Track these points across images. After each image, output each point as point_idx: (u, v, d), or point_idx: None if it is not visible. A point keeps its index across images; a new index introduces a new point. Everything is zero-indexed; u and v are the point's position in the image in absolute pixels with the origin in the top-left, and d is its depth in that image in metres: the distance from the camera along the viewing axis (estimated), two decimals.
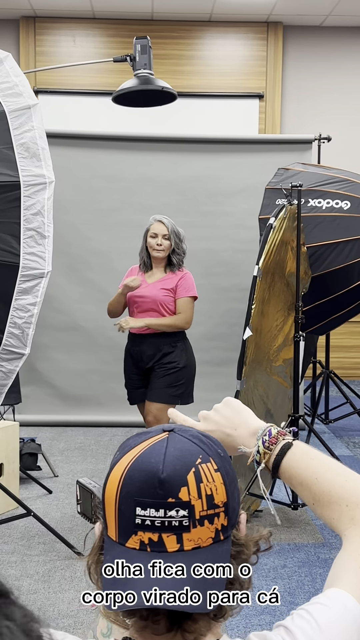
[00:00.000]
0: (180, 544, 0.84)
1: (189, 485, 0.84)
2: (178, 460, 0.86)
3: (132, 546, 0.85)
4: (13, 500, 3.49)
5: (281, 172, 4.57)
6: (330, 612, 0.91)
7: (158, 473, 0.84)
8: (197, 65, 7.77)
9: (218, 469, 0.87)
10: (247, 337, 3.42)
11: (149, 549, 0.84)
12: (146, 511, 0.84)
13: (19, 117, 2.64)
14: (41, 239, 2.58)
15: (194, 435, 0.90)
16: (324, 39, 7.87)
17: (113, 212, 5.81)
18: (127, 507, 0.85)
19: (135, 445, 0.89)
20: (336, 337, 7.25)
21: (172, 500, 0.84)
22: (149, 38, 4.18)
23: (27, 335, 2.65)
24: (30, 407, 5.82)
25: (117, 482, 0.87)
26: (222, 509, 0.86)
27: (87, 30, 7.68)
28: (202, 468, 0.86)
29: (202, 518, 0.85)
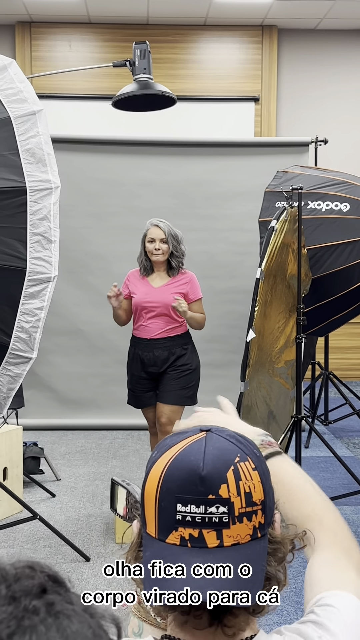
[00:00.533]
0: (220, 540, 0.86)
1: (229, 483, 0.87)
2: (217, 459, 0.88)
3: (172, 542, 0.87)
4: (19, 503, 3.50)
5: (280, 174, 4.60)
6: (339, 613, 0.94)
7: (199, 470, 0.86)
8: (192, 69, 7.80)
9: (255, 467, 0.90)
10: (251, 339, 3.44)
11: (189, 545, 0.86)
12: (187, 507, 0.86)
13: (24, 123, 2.66)
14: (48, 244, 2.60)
15: (231, 435, 0.93)
16: (318, 42, 7.91)
17: (112, 216, 5.83)
18: (167, 503, 0.87)
19: (174, 445, 0.91)
20: (335, 338, 7.28)
21: (213, 496, 0.86)
22: (148, 43, 4.21)
23: (34, 340, 2.67)
24: (31, 411, 5.83)
25: (158, 479, 0.89)
26: (260, 507, 0.89)
27: (82, 35, 7.70)
28: (240, 466, 0.88)
29: (241, 515, 0.87)
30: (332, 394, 6.73)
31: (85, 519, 3.97)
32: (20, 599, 0.55)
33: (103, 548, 3.58)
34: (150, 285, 3.93)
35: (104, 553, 3.52)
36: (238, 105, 7.88)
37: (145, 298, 3.88)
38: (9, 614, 0.54)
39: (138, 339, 3.94)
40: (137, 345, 3.94)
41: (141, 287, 3.94)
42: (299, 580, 3.26)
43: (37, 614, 0.54)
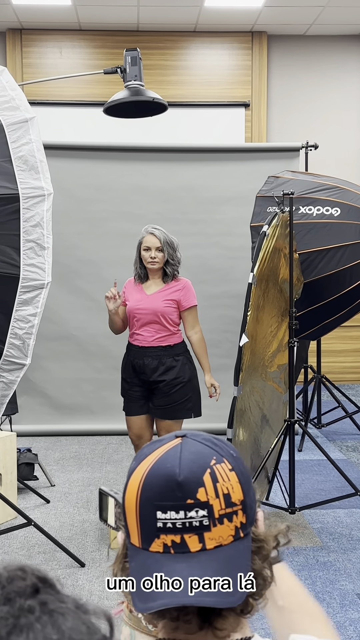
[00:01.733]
0: (203, 544, 0.87)
1: (206, 486, 0.88)
2: (193, 463, 0.89)
3: (155, 550, 0.88)
4: (13, 510, 3.51)
5: (271, 180, 4.63)
6: None
7: (175, 476, 0.88)
8: (183, 75, 7.83)
9: (232, 468, 0.91)
10: (244, 344, 3.46)
11: (172, 551, 0.87)
12: (167, 514, 0.87)
13: (17, 130, 2.67)
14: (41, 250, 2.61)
15: (206, 438, 0.94)
16: (307, 47, 7.96)
17: (103, 222, 5.85)
18: (147, 512, 0.88)
19: (150, 453, 0.92)
20: (327, 342, 7.31)
21: (191, 501, 0.87)
22: (139, 50, 4.23)
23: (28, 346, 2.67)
24: (24, 417, 5.83)
25: (136, 489, 0.90)
26: (240, 507, 0.89)
27: (73, 42, 7.73)
28: (217, 468, 0.89)
29: (222, 517, 0.88)
30: (324, 397, 6.76)
31: (79, 524, 3.97)
32: (14, 600, 0.57)
33: (98, 553, 3.59)
34: (144, 292, 3.90)
35: (99, 559, 3.53)
36: (228, 111, 7.92)
37: (136, 305, 3.85)
38: (6, 613, 0.56)
39: (132, 345, 3.92)
40: (130, 352, 3.92)
41: (135, 294, 3.91)
42: None
43: (32, 613, 0.56)
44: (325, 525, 3.95)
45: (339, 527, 3.93)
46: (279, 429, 3.96)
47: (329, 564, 3.47)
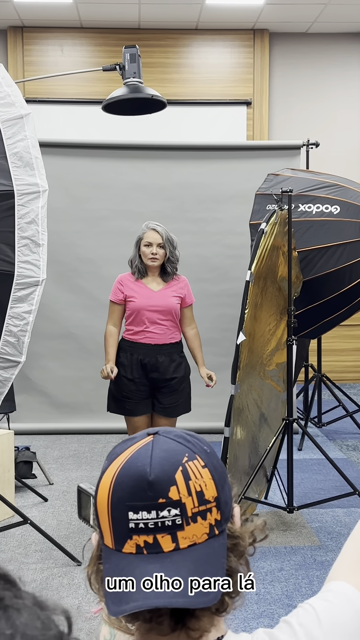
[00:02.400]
0: (176, 543, 0.85)
1: (178, 484, 0.86)
2: (165, 461, 0.87)
3: (128, 551, 0.86)
4: (9, 508, 3.49)
5: (271, 177, 4.61)
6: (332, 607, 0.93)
7: (146, 475, 0.86)
8: (184, 73, 7.82)
9: (205, 465, 0.89)
10: (241, 342, 3.44)
11: (145, 552, 0.85)
12: (138, 514, 0.85)
13: (12, 126, 2.66)
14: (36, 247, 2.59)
15: (179, 434, 0.92)
16: (309, 45, 7.94)
17: (103, 220, 5.83)
18: (119, 513, 0.87)
19: (122, 452, 0.90)
20: (328, 340, 7.29)
21: (163, 500, 0.85)
22: (138, 47, 4.21)
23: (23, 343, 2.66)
24: (24, 416, 5.82)
25: (107, 489, 0.88)
26: (214, 504, 0.88)
27: (74, 40, 7.71)
28: (189, 466, 0.87)
29: (195, 515, 0.86)
30: (325, 396, 6.74)
31: (77, 523, 3.96)
32: None
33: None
34: (149, 289, 3.86)
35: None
36: (230, 109, 7.90)
37: (147, 302, 3.81)
38: None
39: (137, 344, 3.85)
40: (136, 350, 3.85)
41: (140, 290, 3.85)
42: (290, 583, 3.26)
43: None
44: (324, 525, 3.93)
45: (338, 527, 3.91)
46: (277, 428, 3.94)
47: (327, 564, 3.45)
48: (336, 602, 0.93)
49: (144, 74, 7.39)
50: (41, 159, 2.70)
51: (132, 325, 3.85)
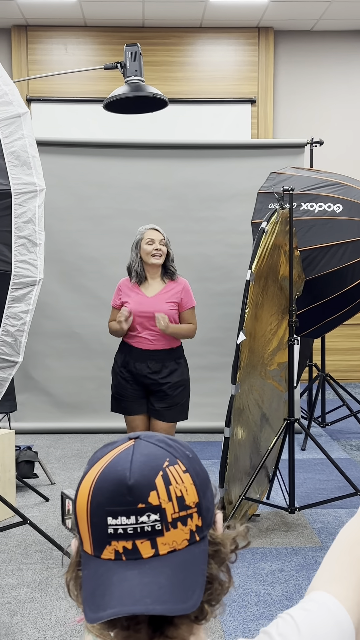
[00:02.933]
0: (155, 549, 0.83)
1: (158, 489, 0.84)
2: (145, 465, 0.85)
3: (107, 557, 0.84)
4: (9, 508, 3.49)
5: (273, 176, 4.58)
6: (312, 617, 0.91)
7: (126, 480, 0.84)
8: (189, 72, 7.79)
9: (187, 470, 0.87)
10: (241, 342, 3.43)
11: (124, 558, 0.83)
12: (117, 520, 0.84)
13: (9, 125, 2.64)
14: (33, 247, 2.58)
15: (160, 439, 0.90)
16: (314, 43, 7.90)
17: (106, 219, 5.82)
18: (98, 518, 0.85)
19: (102, 457, 0.89)
20: (332, 340, 7.26)
21: (142, 505, 0.83)
22: (139, 45, 4.19)
23: (20, 343, 2.65)
24: (26, 415, 5.82)
25: (87, 494, 0.87)
26: (195, 510, 0.86)
27: (78, 38, 7.70)
28: (169, 470, 0.86)
29: (175, 520, 0.84)
30: (329, 395, 6.71)
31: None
32: None
33: None
34: (143, 294, 3.83)
35: None
36: (235, 108, 7.88)
37: (138, 308, 3.79)
38: None
39: (131, 347, 3.85)
40: (129, 354, 3.85)
41: (134, 296, 3.84)
42: (290, 584, 3.24)
43: None
44: (326, 525, 3.91)
45: (340, 527, 3.87)
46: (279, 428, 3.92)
47: None
48: (316, 613, 0.92)
49: (148, 72, 7.42)
50: (38, 157, 2.69)
51: (130, 329, 3.84)
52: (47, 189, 5.64)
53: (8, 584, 3.23)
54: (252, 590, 3.19)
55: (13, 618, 2.95)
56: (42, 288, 5.70)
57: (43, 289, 5.76)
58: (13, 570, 3.36)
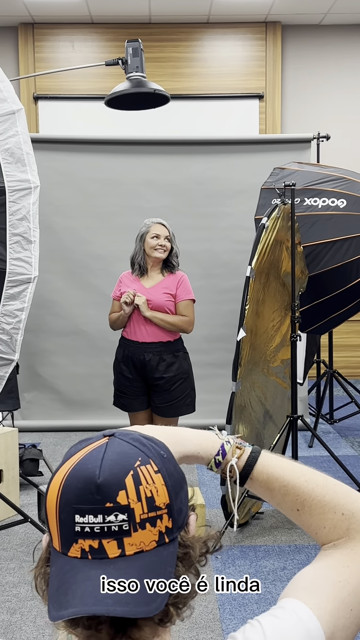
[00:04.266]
0: (122, 549, 0.82)
1: (127, 488, 0.83)
2: (116, 464, 0.84)
3: (73, 555, 0.83)
4: (9, 506, 3.49)
5: (277, 171, 4.55)
6: (280, 624, 0.89)
7: (94, 478, 0.83)
8: (196, 67, 7.76)
9: (159, 470, 0.85)
10: (241, 338, 3.40)
11: (90, 557, 0.82)
12: (85, 518, 0.82)
13: (4, 122, 2.63)
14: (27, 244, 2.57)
15: (135, 438, 0.89)
16: (322, 37, 7.83)
17: (113, 216, 5.81)
18: (66, 515, 0.84)
19: (75, 453, 0.88)
20: (340, 336, 7.21)
21: (110, 504, 0.82)
22: (141, 41, 4.17)
23: (16, 341, 2.64)
24: (34, 413, 5.83)
25: (57, 491, 0.86)
26: (165, 511, 0.84)
27: (85, 35, 7.69)
28: (140, 470, 0.84)
29: (143, 521, 0.83)
30: (338, 392, 6.67)
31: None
32: None
33: None
34: (142, 286, 3.87)
35: None
36: (242, 103, 7.83)
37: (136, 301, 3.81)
38: None
39: (129, 340, 3.87)
40: (127, 347, 3.87)
41: (133, 287, 3.87)
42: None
43: None
44: None
45: None
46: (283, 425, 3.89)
47: None
48: (285, 620, 0.89)
49: (155, 68, 7.41)
50: (33, 154, 2.68)
51: (127, 322, 3.86)
52: (54, 186, 5.69)
53: (9, 582, 3.23)
54: None
55: (12, 616, 2.95)
56: (49, 286, 5.75)
57: (49, 286, 5.79)
58: (15, 568, 3.36)
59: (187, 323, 3.84)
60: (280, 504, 1.02)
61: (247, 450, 1.05)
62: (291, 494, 1.00)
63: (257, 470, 1.03)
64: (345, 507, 0.98)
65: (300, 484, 1.00)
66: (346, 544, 0.96)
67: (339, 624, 0.90)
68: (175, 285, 3.84)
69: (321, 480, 1.00)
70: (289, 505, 1.01)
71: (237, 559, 3.46)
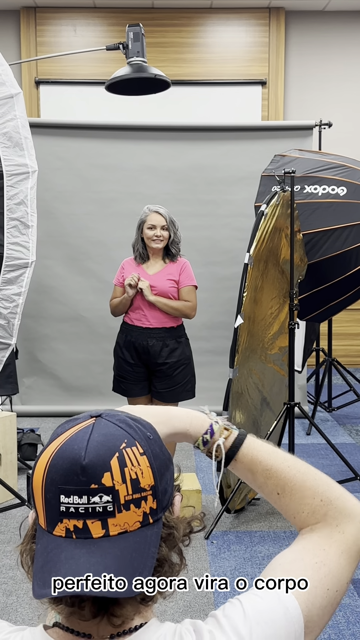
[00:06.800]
0: (106, 529, 0.84)
1: (113, 470, 0.84)
2: (101, 446, 0.85)
3: (58, 534, 0.85)
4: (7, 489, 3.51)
5: (277, 158, 4.54)
6: (260, 602, 0.90)
7: (80, 460, 0.84)
8: (199, 53, 7.72)
9: (144, 452, 0.87)
10: (239, 325, 3.41)
11: (74, 536, 0.84)
12: (70, 498, 0.84)
13: (2, 106, 2.63)
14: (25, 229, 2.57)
15: (122, 419, 0.89)
16: (326, 23, 7.78)
17: (113, 202, 5.80)
18: (52, 495, 0.85)
19: (62, 433, 0.89)
20: (339, 324, 7.21)
21: (95, 486, 0.83)
22: (143, 26, 4.14)
23: (13, 326, 2.65)
24: (33, 398, 5.85)
25: (43, 470, 0.87)
26: (150, 492, 0.86)
27: (87, 20, 7.65)
28: (126, 452, 0.85)
29: (128, 502, 0.84)
30: (337, 380, 6.68)
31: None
32: None
33: None
34: (145, 272, 3.87)
35: None
36: (245, 89, 7.79)
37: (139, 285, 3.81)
38: None
39: (132, 326, 3.87)
40: (130, 333, 3.87)
41: (136, 273, 3.87)
42: None
43: None
44: None
45: None
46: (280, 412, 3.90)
47: None
48: (265, 599, 0.91)
49: (158, 53, 7.37)
50: (31, 139, 2.67)
51: (129, 308, 3.85)
52: (54, 171, 5.68)
53: (5, 565, 3.26)
54: (248, 573, 3.19)
55: (8, 598, 2.97)
56: (48, 271, 5.75)
57: (49, 272, 5.79)
58: (11, 551, 3.39)
59: (189, 308, 3.85)
60: (262, 486, 1.04)
61: (234, 433, 1.07)
62: (273, 477, 1.02)
63: (242, 452, 1.05)
64: (325, 495, 1.00)
65: (283, 468, 1.02)
66: (323, 529, 0.99)
67: (316, 602, 0.92)
68: (178, 271, 3.84)
69: (303, 467, 1.03)
70: (271, 488, 1.03)
71: (233, 544, 3.48)
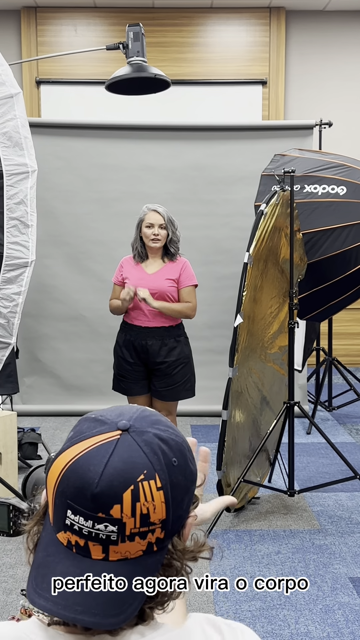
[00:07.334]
0: (106, 554, 0.82)
1: (124, 504, 0.80)
2: (118, 475, 0.81)
3: (61, 540, 0.84)
4: (6, 488, 3.52)
5: (277, 158, 4.54)
6: None
7: (92, 486, 0.81)
8: (199, 53, 7.72)
9: (162, 487, 0.82)
10: (238, 324, 3.41)
11: (74, 550, 0.83)
12: (76, 517, 0.82)
13: (2, 106, 2.63)
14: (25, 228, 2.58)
15: (148, 441, 0.84)
16: (327, 23, 7.78)
17: (114, 202, 5.80)
18: (60, 503, 0.83)
19: (86, 439, 0.84)
20: (340, 324, 7.22)
21: (103, 515, 0.81)
22: (143, 25, 4.15)
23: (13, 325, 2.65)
24: (33, 397, 5.86)
25: (58, 474, 0.84)
26: (159, 526, 0.83)
27: (88, 20, 7.65)
28: (142, 486, 0.81)
29: (133, 535, 0.81)
30: (338, 380, 6.68)
31: None
32: None
33: None
34: (144, 271, 3.88)
35: None
36: (246, 89, 7.80)
37: (138, 284, 3.82)
38: None
39: (131, 325, 3.88)
40: (129, 332, 3.89)
41: (135, 273, 3.89)
42: (285, 566, 3.24)
43: None
44: (326, 509, 3.90)
45: (339, 511, 3.88)
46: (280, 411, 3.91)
47: (325, 547, 3.43)
48: None
49: (158, 53, 7.38)
50: (31, 138, 2.68)
51: (129, 307, 3.86)
52: (54, 171, 5.69)
53: (6, 563, 3.27)
54: (247, 572, 3.20)
55: (8, 596, 2.98)
56: (49, 271, 5.76)
57: (49, 271, 5.80)
58: (12, 549, 3.40)
59: (190, 309, 3.87)
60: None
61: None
62: None
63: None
64: None
65: None
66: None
67: None
68: (178, 271, 3.85)
69: None
70: None
71: (232, 542, 3.49)
